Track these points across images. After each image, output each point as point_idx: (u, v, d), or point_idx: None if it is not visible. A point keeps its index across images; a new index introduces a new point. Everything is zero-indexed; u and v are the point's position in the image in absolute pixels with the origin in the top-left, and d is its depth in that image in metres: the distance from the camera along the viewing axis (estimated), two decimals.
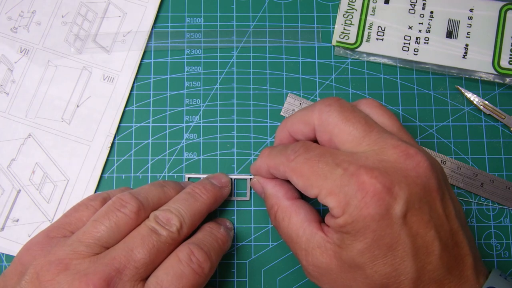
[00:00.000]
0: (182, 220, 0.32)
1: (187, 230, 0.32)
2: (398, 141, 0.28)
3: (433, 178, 0.28)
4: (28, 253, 0.30)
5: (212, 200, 0.35)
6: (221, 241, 0.34)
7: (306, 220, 0.30)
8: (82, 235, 0.30)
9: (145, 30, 0.41)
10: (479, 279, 0.28)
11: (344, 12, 0.42)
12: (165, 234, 0.31)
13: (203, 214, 0.34)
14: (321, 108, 0.31)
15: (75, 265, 0.29)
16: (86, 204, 0.33)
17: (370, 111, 0.31)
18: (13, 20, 0.41)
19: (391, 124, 0.31)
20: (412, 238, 0.26)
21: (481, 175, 0.39)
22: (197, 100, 0.40)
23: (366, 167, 0.27)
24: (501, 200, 0.39)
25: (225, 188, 0.37)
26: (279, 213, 0.32)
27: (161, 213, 0.32)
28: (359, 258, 0.27)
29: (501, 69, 0.40)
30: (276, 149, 0.32)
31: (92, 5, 0.41)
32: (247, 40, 0.41)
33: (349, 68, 0.41)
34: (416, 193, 0.27)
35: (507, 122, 0.40)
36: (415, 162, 0.28)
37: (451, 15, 0.41)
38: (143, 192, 0.33)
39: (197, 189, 0.34)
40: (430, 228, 0.27)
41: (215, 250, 0.33)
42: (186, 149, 0.39)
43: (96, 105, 0.40)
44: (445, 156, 0.39)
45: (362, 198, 0.26)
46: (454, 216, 0.28)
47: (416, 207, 0.27)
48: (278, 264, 0.38)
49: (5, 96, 0.40)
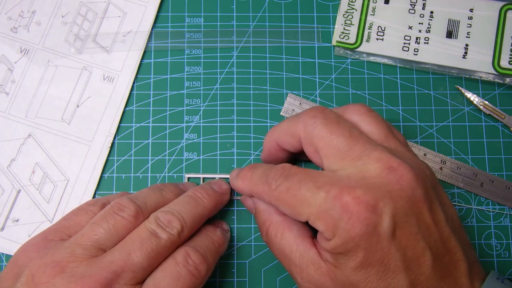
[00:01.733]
0: (184, 222, 0.32)
1: (188, 233, 0.32)
2: (382, 153, 0.28)
3: (418, 189, 0.27)
4: (25, 254, 0.30)
5: (213, 204, 0.34)
6: (218, 244, 0.34)
7: (299, 236, 0.30)
8: (80, 238, 0.30)
9: (145, 30, 0.41)
10: (474, 284, 0.28)
11: (344, 12, 0.42)
12: (165, 237, 0.30)
13: (203, 218, 0.34)
14: (306, 121, 0.30)
15: (71, 268, 0.28)
16: (85, 209, 0.33)
17: (358, 118, 0.31)
18: (13, 20, 0.41)
19: (378, 132, 0.30)
20: (402, 252, 0.26)
21: (481, 175, 0.39)
22: (197, 100, 0.40)
23: (349, 187, 0.27)
24: (501, 200, 0.39)
25: (225, 195, 0.36)
26: (271, 228, 0.31)
27: (162, 215, 0.31)
28: (353, 276, 0.27)
29: (501, 69, 0.40)
30: (257, 173, 0.32)
31: (92, 5, 0.41)
32: (247, 40, 0.41)
33: (349, 68, 0.41)
34: (401, 207, 0.27)
35: (507, 122, 0.40)
36: (398, 175, 0.27)
37: (451, 15, 0.41)
38: (141, 197, 0.33)
39: (198, 193, 0.34)
40: (419, 240, 0.27)
41: (211, 252, 0.33)
42: (186, 149, 0.39)
43: (96, 105, 0.40)
44: (445, 156, 0.39)
45: (348, 220, 0.26)
46: (444, 223, 0.28)
47: (402, 220, 0.27)
48: (278, 264, 0.38)
49: (5, 96, 0.40)
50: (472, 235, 0.38)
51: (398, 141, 0.30)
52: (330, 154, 0.29)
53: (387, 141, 0.30)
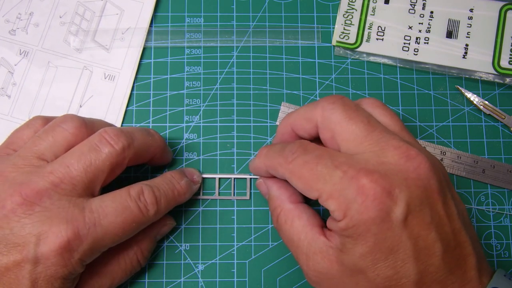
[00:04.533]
0: (131, 142, 0.32)
1: (134, 154, 0.32)
2: (400, 142, 0.28)
3: (434, 179, 0.28)
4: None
5: (162, 143, 0.36)
6: (178, 193, 0.34)
7: (308, 224, 0.30)
8: (22, 150, 0.31)
9: (144, 27, 0.41)
10: (482, 279, 0.28)
11: (344, 12, 0.42)
12: (106, 150, 0.31)
13: (154, 149, 0.35)
14: (324, 106, 0.30)
15: (13, 177, 0.30)
16: (27, 124, 0.34)
17: (372, 110, 0.31)
18: (11, 22, 0.41)
19: (393, 124, 0.30)
20: (413, 241, 0.26)
21: (482, 161, 0.39)
22: (197, 100, 0.40)
23: (366, 170, 0.27)
24: (504, 184, 0.39)
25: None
26: (281, 215, 0.32)
27: (110, 130, 0.32)
28: (361, 262, 0.27)
29: (501, 69, 0.40)
30: (273, 148, 0.32)
31: (89, 4, 0.41)
32: (247, 40, 0.41)
33: (349, 68, 0.41)
34: (417, 196, 0.27)
35: (507, 122, 0.40)
36: (416, 164, 0.27)
37: (451, 15, 0.41)
38: (95, 119, 0.34)
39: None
40: (431, 230, 0.27)
41: (167, 198, 0.33)
42: (186, 149, 0.39)
43: (98, 104, 0.40)
44: (444, 147, 0.39)
45: (362, 202, 0.26)
46: (456, 217, 0.28)
47: (417, 209, 0.27)
48: (278, 264, 0.38)
49: (7, 99, 0.40)
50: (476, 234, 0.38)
51: (411, 136, 0.30)
52: (348, 139, 0.29)
53: (402, 133, 0.30)
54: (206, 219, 0.38)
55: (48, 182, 0.29)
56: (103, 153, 0.31)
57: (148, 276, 0.37)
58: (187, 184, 0.35)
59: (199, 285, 0.37)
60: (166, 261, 0.37)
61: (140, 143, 0.33)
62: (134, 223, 0.31)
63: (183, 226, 0.38)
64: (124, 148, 0.31)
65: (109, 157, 0.31)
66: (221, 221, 0.38)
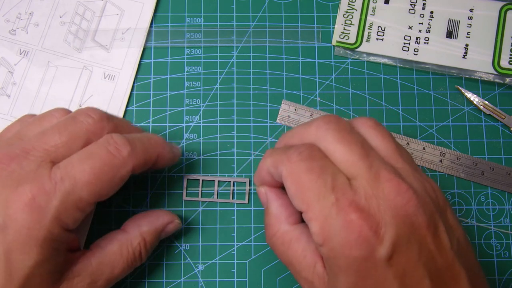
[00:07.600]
0: (111, 117, 0.32)
1: (114, 125, 0.32)
2: (391, 173, 0.27)
3: (423, 215, 0.27)
4: None
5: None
6: (154, 142, 0.33)
7: (307, 248, 0.30)
8: (4, 134, 0.33)
9: (144, 27, 0.41)
10: None
11: (344, 12, 0.42)
12: (84, 120, 0.31)
13: (135, 129, 0.34)
14: (319, 125, 0.30)
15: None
16: (20, 120, 0.34)
17: (365, 131, 0.30)
18: (11, 22, 0.41)
19: (386, 148, 0.30)
20: (399, 279, 0.26)
21: (481, 163, 0.39)
22: (197, 100, 0.40)
23: (357, 205, 0.26)
24: (503, 186, 0.39)
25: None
26: (278, 236, 0.31)
27: (89, 108, 0.32)
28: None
29: (501, 69, 0.40)
30: (279, 147, 0.31)
31: (89, 4, 0.41)
32: (247, 40, 0.41)
33: (349, 68, 0.41)
34: (404, 233, 0.26)
35: (507, 122, 0.40)
36: (405, 200, 0.27)
37: (451, 15, 0.41)
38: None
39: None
40: (419, 267, 0.26)
41: (141, 141, 0.32)
42: (186, 149, 0.39)
43: (98, 104, 0.40)
44: (444, 148, 0.39)
45: (346, 237, 0.26)
46: (448, 249, 0.27)
47: (403, 247, 0.26)
48: (278, 264, 0.38)
49: (6, 98, 0.40)
50: (472, 235, 0.38)
51: (404, 159, 0.30)
52: (341, 161, 0.28)
53: (394, 157, 0.29)
54: (206, 219, 0.38)
55: (19, 149, 0.29)
56: (80, 121, 0.31)
57: (148, 276, 0.37)
58: (163, 140, 0.34)
59: (199, 285, 0.37)
60: (166, 261, 0.37)
61: (121, 120, 0.33)
62: (106, 166, 0.29)
63: (183, 226, 0.38)
64: (102, 118, 0.31)
65: (85, 125, 0.31)
66: (221, 221, 0.38)
